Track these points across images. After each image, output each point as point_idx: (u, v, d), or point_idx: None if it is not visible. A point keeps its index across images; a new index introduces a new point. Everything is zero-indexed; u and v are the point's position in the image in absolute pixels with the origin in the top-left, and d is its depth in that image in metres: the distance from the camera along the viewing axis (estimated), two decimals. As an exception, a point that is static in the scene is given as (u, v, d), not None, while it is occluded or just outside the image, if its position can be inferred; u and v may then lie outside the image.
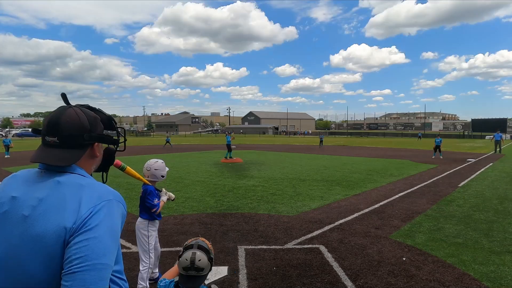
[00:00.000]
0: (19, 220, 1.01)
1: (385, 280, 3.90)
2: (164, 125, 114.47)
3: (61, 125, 1.09)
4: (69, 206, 1.00)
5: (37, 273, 0.97)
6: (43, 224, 0.98)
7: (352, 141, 48.54)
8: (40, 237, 0.97)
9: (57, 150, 1.10)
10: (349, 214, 6.85)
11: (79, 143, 1.13)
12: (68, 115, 1.11)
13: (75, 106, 1.17)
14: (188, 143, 42.48)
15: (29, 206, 1.01)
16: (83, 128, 1.12)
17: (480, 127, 66.74)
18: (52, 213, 0.99)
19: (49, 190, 1.04)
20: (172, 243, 5.10)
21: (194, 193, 9.06)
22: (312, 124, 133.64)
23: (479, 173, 13.30)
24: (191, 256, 1.92)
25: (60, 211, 0.99)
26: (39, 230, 0.97)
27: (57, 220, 0.98)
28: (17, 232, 1.00)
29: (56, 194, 1.03)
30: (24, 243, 0.98)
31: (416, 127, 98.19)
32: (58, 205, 1.00)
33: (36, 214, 1.00)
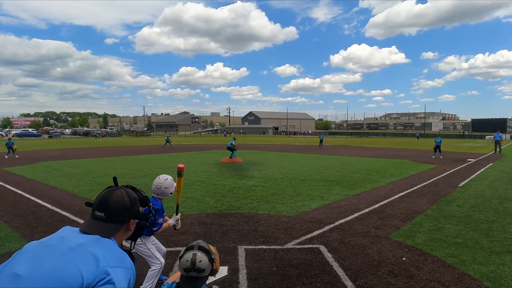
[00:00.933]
0: (58, 254, 1.20)
1: (385, 280, 3.90)
2: (164, 125, 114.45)
3: (110, 204, 1.36)
4: (97, 258, 1.20)
5: None
6: (72, 264, 1.17)
7: (352, 141, 48.54)
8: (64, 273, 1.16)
9: (103, 224, 1.35)
10: (349, 214, 6.84)
11: (120, 220, 1.38)
12: (116, 196, 1.39)
13: (122, 188, 1.45)
14: (188, 143, 42.49)
15: (69, 247, 1.22)
16: (125, 208, 1.39)
17: (480, 127, 66.71)
18: (82, 258, 1.19)
19: (89, 240, 1.26)
20: (172, 243, 5.10)
21: (194, 193, 9.06)
22: (312, 124, 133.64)
23: (479, 173, 13.30)
24: (192, 257, 1.92)
25: (89, 259, 1.19)
26: (65, 270, 1.16)
27: (82, 267, 1.17)
28: (50, 262, 1.18)
29: (92, 245, 1.24)
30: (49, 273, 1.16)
31: (416, 127, 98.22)
32: (90, 254, 1.21)
33: (71, 254, 1.20)
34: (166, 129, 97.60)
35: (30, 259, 1.20)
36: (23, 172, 13.52)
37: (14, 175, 12.67)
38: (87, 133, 79.36)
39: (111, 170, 13.86)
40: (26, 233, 5.57)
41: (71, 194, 8.98)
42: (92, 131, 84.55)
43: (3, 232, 5.69)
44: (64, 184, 10.55)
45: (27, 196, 8.70)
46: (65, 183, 10.83)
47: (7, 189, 9.78)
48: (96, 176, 12.22)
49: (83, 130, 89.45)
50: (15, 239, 5.29)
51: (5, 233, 5.61)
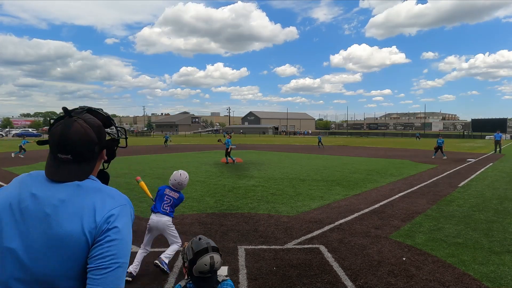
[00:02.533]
0: (41, 217, 1.07)
1: (385, 280, 3.90)
2: (164, 125, 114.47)
3: (72, 143, 1.14)
4: (88, 210, 1.09)
5: (54, 268, 1.05)
6: (67, 224, 1.06)
7: (352, 141, 48.54)
8: (63, 235, 1.05)
9: (73, 166, 1.16)
10: (349, 214, 6.84)
11: (92, 156, 1.20)
12: (75, 131, 1.15)
13: (78, 118, 1.18)
14: (188, 143, 42.50)
15: (51, 205, 1.08)
16: (93, 142, 1.18)
17: (480, 127, 66.75)
18: (75, 214, 1.08)
19: (70, 193, 1.12)
20: (172, 243, 5.09)
21: (194, 193, 9.05)
22: (312, 124, 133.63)
23: (479, 173, 13.30)
24: (210, 261, 1.94)
25: (84, 213, 1.08)
26: (62, 229, 1.05)
27: (80, 222, 1.06)
28: (38, 228, 1.07)
29: (77, 196, 1.11)
30: (44, 240, 1.05)
31: (416, 127, 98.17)
32: (79, 208, 1.09)
33: (59, 213, 1.07)
34: (166, 129, 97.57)
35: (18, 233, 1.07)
36: (23, 172, 13.50)
37: (14, 175, 12.66)
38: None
39: (111, 170, 13.71)
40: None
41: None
42: None
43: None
44: (64, 184, 10.54)
45: None
46: (65, 183, 10.83)
47: (7, 189, 9.78)
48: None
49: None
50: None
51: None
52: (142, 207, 7.36)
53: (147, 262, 4.37)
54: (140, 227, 5.90)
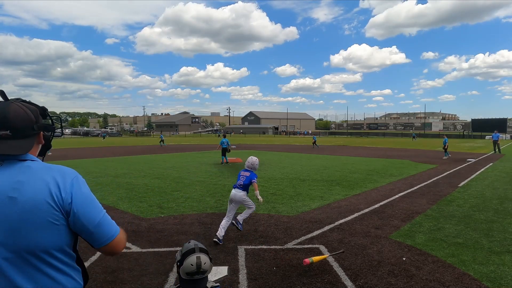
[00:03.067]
0: (7, 201, 1.16)
1: (385, 280, 3.90)
2: (164, 125, 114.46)
3: (11, 119, 1.22)
4: (51, 183, 1.21)
5: (39, 236, 1.19)
6: (34, 200, 1.17)
7: (352, 141, 48.54)
8: (34, 210, 1.17)
9: (13, 141, 1.23)
10: (349, 214, 6.84)
11: (30, 134, 1.28)
12: (14, 110, 1.23)
13: (15, 101, 1.28)
14: (188, 143, 42.49)
15: (12, 189, 1.17)
16: (31, 121, 1.27)
17: (480, 127, 66.69)
18: (39, 190, 1.18)
19: (24, 174, 1.21)
20: (172, 243, 5.10)
21: (194, 193, 9.06)
22: (312, 124, 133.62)
23: (479, 173, 13.30)
24: (197, 260, 1.93)
25: (46, 187, 1.19)
26: (31, 205, 1.17)
27: (46, 195, 1.19)
28: (5, 211, 1.16)
29: (34, 176, 1.21)
30: (16, 219, 1.16)
31: (416, 127, 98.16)
32: (42, 184, 1.20)
33: (23, 193, 1.17)
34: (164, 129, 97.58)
35: None
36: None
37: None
38: (87, 133, 79.40)
39: (111, 170, 13.83)
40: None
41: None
42: (92, 131, 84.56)
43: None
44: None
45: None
46: (65, 183, 10.83)
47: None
48: (96, 176, 12.22)
49: (83, 130, 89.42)
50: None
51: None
52: (142, 207, 7.36)
53: (147, 262, 4.38)
54: (140, 227, 5.91)
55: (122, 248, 1.38)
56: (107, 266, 4.25)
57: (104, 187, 9.92)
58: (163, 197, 8.44)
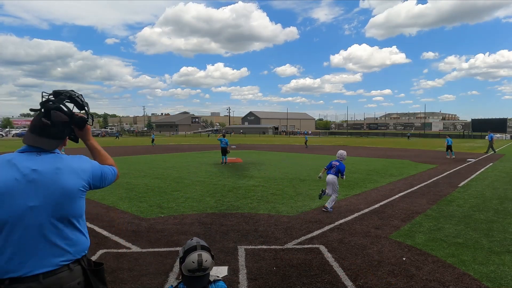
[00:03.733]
0: (49, 180, 1.64)
1: (385, 280, 3.90)
2: (164, 125, 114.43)
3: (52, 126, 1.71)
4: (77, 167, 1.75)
5: (71, 207, 1.70)
6: (71, 181, 1.69)
7: (352, 141, 48.52)
8: (70, 188, 1.68)
9: (51, 140, 1.73)
10: (349, 214, 6.84)
11: (63, 136, 1.79)
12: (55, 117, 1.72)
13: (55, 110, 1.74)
14: (188, 143, 42.48)
15: (52, 173, 1.66)
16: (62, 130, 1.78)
17: (480, 127, 66.68)
18: (73, 174, 1.72)
19: (59, 162, 1.71)
20: (172, 243, 5.10)
21: (194, 193, 9.05)
22: (312, 124, 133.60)
23: (479, 173, 13.30)
24: (198, 258, 1.97)
25: (76, 172, 1.73)
26: (69, 184, 1.68)
27: (79, 179, 1.73)
28: (50, 188, 1.63)
29: (65, 163, 1.73)
30: (58, 194, 1.65)
31: (416, 127, 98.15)
32: (73, 169, 1.73)
33: (63, 175, 1.68)
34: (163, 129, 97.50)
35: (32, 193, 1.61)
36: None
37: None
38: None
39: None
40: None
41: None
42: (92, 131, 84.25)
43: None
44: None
45: None
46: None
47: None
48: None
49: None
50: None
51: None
52: (142, 207, 7.36)
53: (147, 262, 4.38)
54: (140, 227, 5.91)
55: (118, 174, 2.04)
56: (107, 266, 4.25)
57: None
58: (163, 197, 8.44)
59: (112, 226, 5.96)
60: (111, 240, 5.23)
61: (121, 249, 4.83)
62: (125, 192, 9.13)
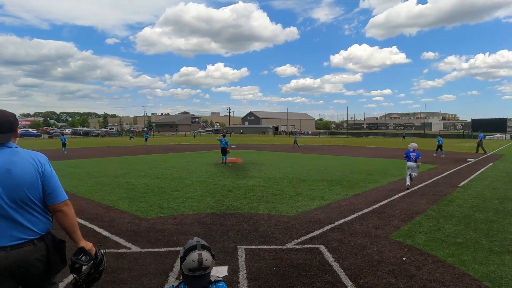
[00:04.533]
0: (5, 173, 1.98)
1: (385, 280, 3.90)
2: (164, 125, 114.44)
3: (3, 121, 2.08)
4: (33, 161, 2.08)
5: (29, 192, 2.03)
6: (25, 171, 2.02)
7: (352, 141, 48.54)
8: (26, 177, 2.02)
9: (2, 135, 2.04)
10: (349, 214, 6.84)
11: (12, 129, 2.12)
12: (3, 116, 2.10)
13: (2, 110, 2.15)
14: (188, 143, 42.49)
15: (8, 162, 2.00)
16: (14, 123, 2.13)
17: (480, 127, 66.64)
18: (27, 165, 2.04)
19: (14, 155, 2.04)
20: (172, 243, 5.10)
21: (194, 193, 9.05)
22: (312, 124, 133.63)
23: (479, 173, 13.30)
24: (198, 257, 1.97)
25: (31, 164, 2.06)
26: (24, 174, 2.01)
27: (32, 168, 2.05)
28: (6, 179, 1.97)
29: (21, 156, 2.06)
30: (15, 181, 1.98)
31: (416, 127, 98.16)
32: (28, 162, 2.06)
33: (18, 168, 2.01)
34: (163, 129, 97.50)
35: None
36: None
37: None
38: (87, 133, 79.41)
39: (111, 170, 13.84)
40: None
41: (71, 194, 8.97)
42: (92, 131, 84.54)
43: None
44: (64, 184, 10.46)
45: None
46: (65, 183, 10.82)
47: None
48: (96, 176, 12.22)
49: (83, 130, 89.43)
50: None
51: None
52: (142, 207, 7.36)
53: (147, 262, 4.38)
54: (140, 227, 5.91)
55: (72, 212, 2.20)
56: (107, 266, 4.24)
57: (104, 187, 9.92)
58: (163, 197, 8.44)
59: (112, 226, 5.96)
60: (111, 240, 5.23)
61: (121, 249, 4.83)
62: (125, 192, 9.13)
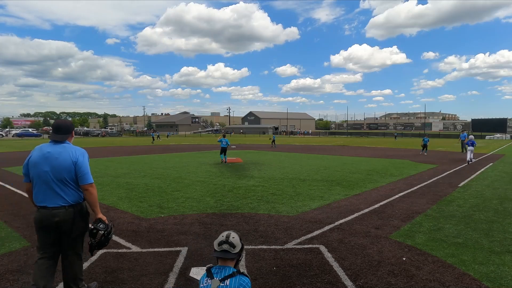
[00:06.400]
0: (54, 158, 3.05)
1: (385, 280, 3.90)
2: (164, 125, 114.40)
3: (62, 128, 3.25)
4: (72, 153, 3.10)
5: (63, 174, 3.06)
6: (65, 159, 3.06)
7: (352, 141, 48.53)
8: (65, 163, 3.06)
9: (60, 135, 3.19)
10: (349, 214, 6.84)
11: (68, 132, 3.25)
12: (63, 121, 3.34)
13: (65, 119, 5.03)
14: (188, 143, 42.48)
15: (57, 153, 3.07)
16: (70, 128, 3.29)
17: (480, 127, 66.76)
18: (67, 156, 3.07)
19: (62, 148, 3.11)
20: (172, 243, 5.10)
21: (194, 193, 9.05)
22: (312, 124, 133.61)
23: (479, 173, 13.30)
24: (227, 233, 2.35)
25: (70, 155, 3.08)
26: (64, 161, 3.06)
27: (70, 158, 3.07)
28: (54, 162, 3.04)
29: (66, 150, 3.11)
30: (58, 165, 3.05)
31: (416, 127, 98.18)
32: (68, 153, 3.09)
33: (61, 156, 3.06)
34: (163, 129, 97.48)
35: (48, 164, 3.05)
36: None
37: (14, 175, 12.66)
38: (87, 133, 79.42)
39: (111, 170, 13.83)
40: (26, 233, 5.57)
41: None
42: (92, 131, 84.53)
43: (3, 232, 5.68)
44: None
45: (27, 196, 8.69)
46: (65, 183, 10.82)
47: (7, 189, 9.78)
48: (96, 176, 12.21)
49: (83, 130, 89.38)
50: (15, 239, 5.29)
51: (5, 233, 5.60)
52: (142, 207, 7.36)
53: (147, 262, 4.38)
54: (140, 227, 5.91)
55: (95, 192, 3.17)
56: (107, 266, 4.26)
57: (104, 187, 9.92)
58: (163, 197, 8.44)
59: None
60: (111, 240, 5.22)
61: (121, 249, 4.83)
62: (125, 192, 9.13)
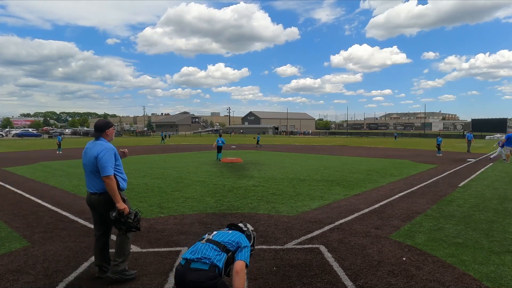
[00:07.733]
0: (87, 153, 3.87)
1: (385, 280, 3.90)
2: (164, 125, 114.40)
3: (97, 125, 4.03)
4: (97, 149, 3.78)
5: (91, 165, 3.79)
6: (92, 154, 3.78)
7: (352, 141, 48.53)
8: (91, 157, 3.78)
9: (96, 133, 3.97)
10: (349, 214, 6.84)
11: (103, 130, 3.98)
12: (100, 120, 4.16)
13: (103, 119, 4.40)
14: (188, 143, 42.47)
15: (89, 149, 3.86)
16: (104, 126, 4.02)
17: (480, 127, 66.65)
18: (94, 151, 3.77)
19: (94, 145, 3.87)
20: (172, 243, 5.10)
21: (194, 193, 9.05)
22: (312, 124, 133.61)
23: (479, 173, 13.30)
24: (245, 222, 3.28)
25: (95, 150, 3.77)
26: (91, 155, 3.78)
27: (94, 153, 3.75)
28: (86, 156, 3.87)
29: (95, 145, 3.84)
30: (88, 159, 3.83)
31: (416, 127, 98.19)
32: (95, 149, 3.79)
33: (90, 151, 3.82)
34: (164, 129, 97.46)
35: (85, 156, 3.88)
36: (23, 172, 13.51)
37: (14, 175, 12.67)
38: (87, 133, 79.42)
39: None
40: (26, 233, 5.57)
41: (71, 194, 8.98)
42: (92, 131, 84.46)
43: (3, 232, 5.68)
44: (64, 184, 10.55)
45: (27, 196, 8.70)
46: (65, 183, 10.83)
47: (7, 189, 9.78)
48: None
49: (83, 130, 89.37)
50: (15, 239, 5.29)
51: (5, 233, 5.60)
52: (142, 207, 7.36)
53: (147, 262, 4.38)
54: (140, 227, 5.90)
55: (112, 183, 3.67)
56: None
57: (104, 187, 9.91)
58: (163, 197, 8.44)
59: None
60: (111, 240, 5.22)
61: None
62: (125, 192, 9.11)
